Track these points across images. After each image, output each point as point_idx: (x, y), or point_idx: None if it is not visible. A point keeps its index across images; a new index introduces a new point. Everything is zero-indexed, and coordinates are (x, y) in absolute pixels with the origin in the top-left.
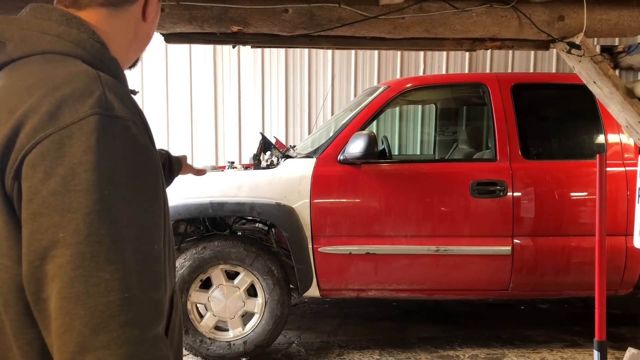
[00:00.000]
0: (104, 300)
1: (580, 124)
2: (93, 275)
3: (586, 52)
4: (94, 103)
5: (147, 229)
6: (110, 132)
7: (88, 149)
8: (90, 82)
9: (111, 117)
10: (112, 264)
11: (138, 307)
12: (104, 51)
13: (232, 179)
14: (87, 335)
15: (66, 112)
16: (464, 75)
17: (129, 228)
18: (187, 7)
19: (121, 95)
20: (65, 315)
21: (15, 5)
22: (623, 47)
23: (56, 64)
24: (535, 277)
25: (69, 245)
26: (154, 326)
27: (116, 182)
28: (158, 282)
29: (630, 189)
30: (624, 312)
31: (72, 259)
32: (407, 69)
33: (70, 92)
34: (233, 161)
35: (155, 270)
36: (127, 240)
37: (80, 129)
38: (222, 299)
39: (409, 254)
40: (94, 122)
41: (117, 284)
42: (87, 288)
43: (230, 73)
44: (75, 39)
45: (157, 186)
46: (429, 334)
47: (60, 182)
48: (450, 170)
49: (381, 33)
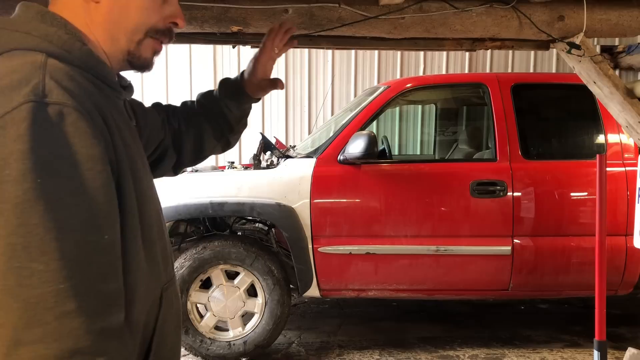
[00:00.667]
0: (38, 292)
1: (580, 124)
2: (25, 267)
3: (586, 52)
4: (29, 91)
5: (93, 218)
6: (44, 120)
7: (18, 137)
8: (32, 71)
9: (46, 104)
10: (46, 254)
11: (79, 297)
12: (72, 42)
13: (232, 179)
14: (21, 329)
15: (1, 103)
16: (464, 75)
17: (70, 217)
18: (187, 7)
19: (65, 83)
20: (1, 309)
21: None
22: (623, 47)
23: (12, 59)
24: (535, 277)
25: (0, 237)
26: (100, 318)
27: (52, 170)
28: (108, 273)
29: (630, 189)
30: (624, 312)
31: (4, 251)
32: (407, 69)
33: (8, 82)
34: (233, 161)
35: (105, 261)
36: (68, 229)
37: (12, 119)
38: (222, 299)
39: (409, 254)
40: (26, 110)
41: (53, 274)
42: (19, 280)
43: (230, 73)
44: (42, 33)
45: (104, 175)
46: (429, 334)
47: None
48: (450, 170)
49: (381, 33)
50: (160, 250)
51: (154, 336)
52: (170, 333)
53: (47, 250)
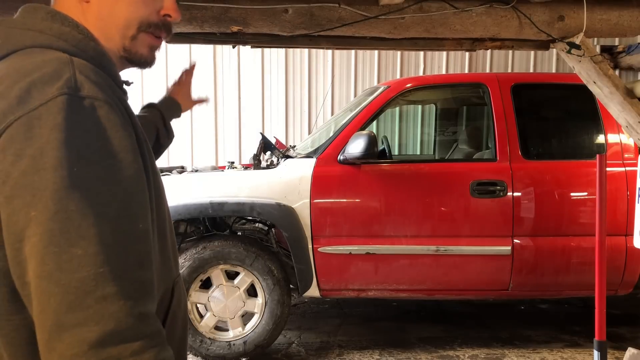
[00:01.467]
0: (77, 276)
1: (580, 124)
2: (64, 251)
3: (586, 52)
4: (62, 84)
5: (128, 207)
6: (79, 111)
7: (55, 127)
8: (61, 66)
9: (80, 97)
10: (84, 239)
11: (118, 282)
12: (86, 42)
13: (232, 179)
14: (63, 313)
15: (35, 95)
16: (464, 75)
17: (106, 205)
18: (187, 7)
19: (93, 77)
20: (41, 295)
21: (14, 6)
22: (623, 47)
23: (33, 55)
24: (535, 277)
25: (39, 224)
26: (139, 303)
27: (88, 160)
28: (143, 261)
29: (630, 189)
30: (624, 312)
31: (42, 237)
32: (407, 69)
33: (39, 76)
34: (233, 161)
35: (140, 249)
36: (104, 216)
37: (48, 110)
38: (222, 299)
39: (409, 254)
40: (61, 102)
41: (91, 258)
42: (59, 264)
43: (230, 73)
44: (56, 32)
45: (136, 165)
46: (429, 334)
47: (30, 163)
48: (450, 170)
49: (381, 33)
50: (171, 244)
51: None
52: (178, 327)
53: (85, 235)
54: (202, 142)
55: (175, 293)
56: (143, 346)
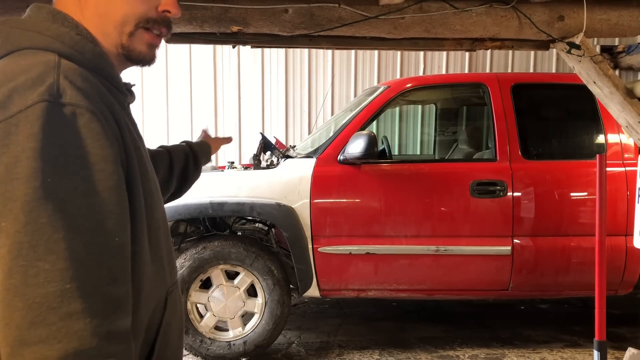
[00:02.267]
0: (43, 291)
1: (580, 124)
2: (32, 265)
3: (586, 52)
4: (44, 90)
5: (104, 220)
6: (58, 120)
7: (32, 136)
8: (46, 71)
9: (60, 104)
10: (52, 253)
11: (85, 299)
12: (84, 43)
13: (232, 179)
14: (25, 329)
15: (16, 100)
16: (464, 75)
17: (80, 218)
18: (187, 7)
19: (79, 83)
20: (5, 308)
21: (14, 6)
22: (623, 47)
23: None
24: (535, 277)
25: (8, 235)
26: (107, 320)
27: (64, 171)
28: (117, 276)
29: (630, 189)
30: (624, 312)
31: (11, 249)
32: (407, 69)
33: (23, 81)
34: (233, 161)
35: (114, 263)
36: (77, 230)
37: (26, 117)
38: (222, 299)
39: (409, 254)
40: (40, 109)
41: (59, 274)
42: (25, 278)
43: (230, 73)
44: (54, 33)
45: (116, 177)
46: (429, 334)
47: (4, 171)
48: (450, 171)
49: (381, 33)
50: (166, 253)
51: (157, 339)
52: (173, 336)
53: (54, 250)
54: None
55: (168, 303)
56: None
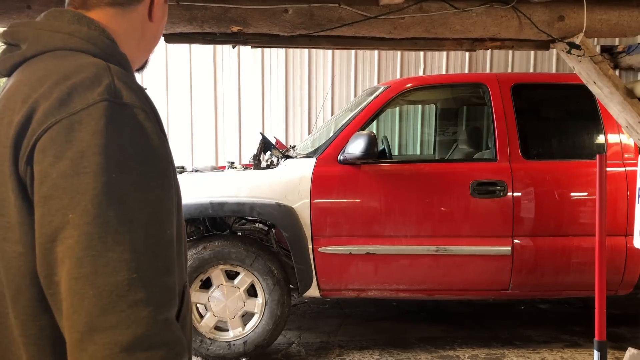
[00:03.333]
0: (112, 280)
1: (580, 124)
2: (101, 256)
3: (586, 52)
4: (103, 90)
5: (158, 214)
6: (119, 118)
7: (97, 133)
8: (100, 72)
9: (119, 104)
10: (120, 244)
11: (148, 288)
12: (114, 47)
13: (232, 179)
14: (96, 315)
15: (76, 98)
16: (464, 75)
17: (139, 212)
18: (187, 7)
19: (130, 84)
20: (75, 296)
21: (15, 6)
22: (623, 47)
23: (67, 58)
24: (535, 277)
25: (77, 226)
26: (165, 309)
27: (125, 167)
28: (170, 267)
29: (630, 189)
30: (624, 312)
31: (80, 240)
32: (407, 69)
33: (80, 80)
34: (233, 161)
35: (167, 255)
36: (137, 223)
37: (89, 115)
38: (222, 299)
39: (409, 254)
40: (103, 107)
41: (126, 264)
42: (96, 268)
43: (230, 73)
44: (86, 35)
45: (167, 173)
46: (429, 334)
47: (70, 165)
48: (450, 171)
49: (381, 33)
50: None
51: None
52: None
53: (121, 241)
54: (202, 142)
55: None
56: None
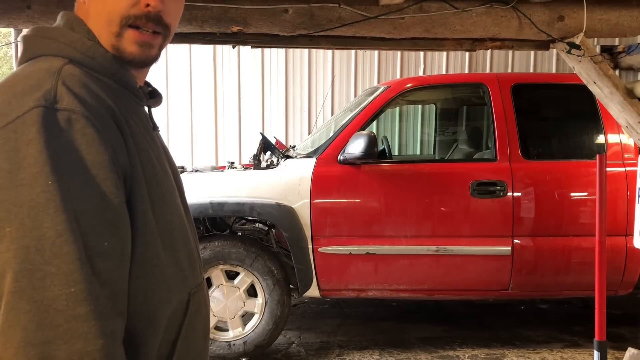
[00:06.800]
0: (50, 294)
1: (580, 124)
2: (38, 269)
3: (586, 52)
4: (40, 96)
5: (95, 225)
6: (52, 125)
7: (30, 142)
8: (45, 77)
9: (55, 109)
10: (57, 257)
11: (89, 301)
12: (96, 49)
13: (232, 179)
14: (32, 330)
15: (14, 106)
16: (464, 75)
17: (76, 222)
18: (187, 7)
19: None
20: (11, 310)
21: (15, 5)
22: (623, 47)
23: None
24: (535, 277)
25: (14, 240)
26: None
27: (60, 175)
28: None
29: (630, 189)
30: (624, 312)
31: (17, 254)
32: (407, 69)
33: (22, 87)
34: (233, 161)
35: (104, 267)
36: (74, 234)
37: (23, 123)
38: (222, 299)
39: (409, 254)
40: (36, 114)
41: (63, 277)
42: (32, 282)
43: (230, 73)
44: (68, 39)
45: (109, 182)
46: (429, 334)
47: (7, 177)
48: (450, 171)
49: (381, 33)
50: (186, 255)
51: (177, 339)
52: (197, 339)
53: (58, 254)
54: (202, 142)
55: (191, 304)
56: None
